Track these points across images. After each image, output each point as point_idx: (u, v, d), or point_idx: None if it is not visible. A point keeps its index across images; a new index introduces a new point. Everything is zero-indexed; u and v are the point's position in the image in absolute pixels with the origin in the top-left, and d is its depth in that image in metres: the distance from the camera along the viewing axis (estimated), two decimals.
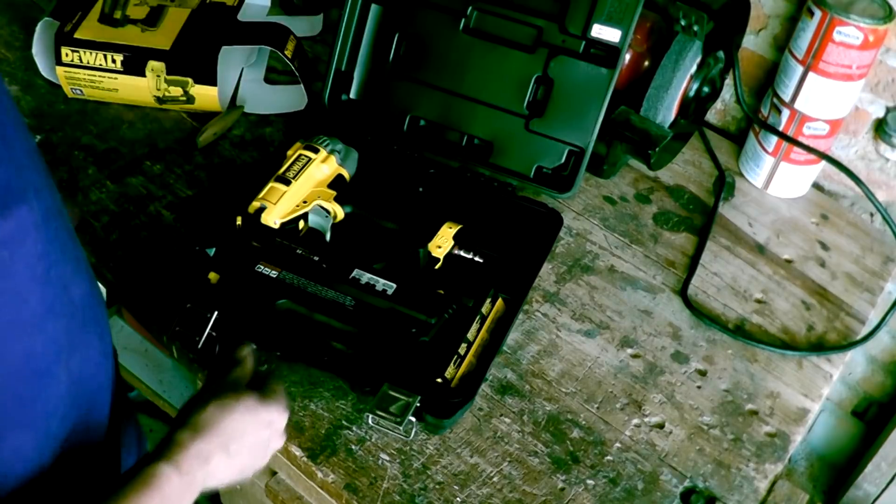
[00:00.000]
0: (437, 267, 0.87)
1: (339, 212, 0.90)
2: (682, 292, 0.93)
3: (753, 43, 1.10)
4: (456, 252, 0.88)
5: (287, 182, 0.88)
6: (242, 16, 1.09)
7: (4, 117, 0.43)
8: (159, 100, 1.06)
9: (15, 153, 0.47)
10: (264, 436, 0.68)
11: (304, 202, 0.88)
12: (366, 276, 0.84)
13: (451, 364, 0.79)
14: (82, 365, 0.59)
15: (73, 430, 0.59)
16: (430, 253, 0.87)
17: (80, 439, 0.61)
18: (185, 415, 0.65)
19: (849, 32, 0.91)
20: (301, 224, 0.88)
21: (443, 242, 0.87)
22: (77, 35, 1.04)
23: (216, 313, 0.80)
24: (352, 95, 1.02)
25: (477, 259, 0.88)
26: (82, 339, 0.58)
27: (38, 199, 0.49)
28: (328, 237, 0.89)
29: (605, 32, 0.91)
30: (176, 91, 1.05)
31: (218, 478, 0.65)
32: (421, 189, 0.95)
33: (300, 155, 0.91)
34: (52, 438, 0.57)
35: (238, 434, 0.65)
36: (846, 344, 0.91)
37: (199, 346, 0.79)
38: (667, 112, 0.97)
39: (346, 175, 0.93)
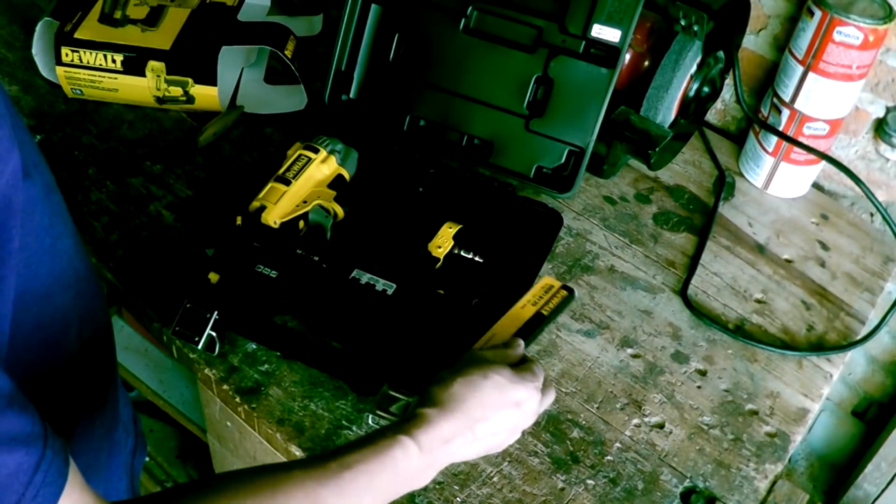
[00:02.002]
0: (437, 267, 0.87)
1: (340, 212, 0.90)
2: (682, 292, 0.93)
3: (753, 43, 1.10)
4: (456, 252, 0.88)
5: (287, 182, 0.88)
6: (242, 16, 1.09)
7: None
8: (159, 100, 1.06)
9: (14, 129, 0.48)
10: (512, 416, 0.65)
11: (304, 202, 0.88)
12: (366, 276, 0.84)
13: None
14: (91, 337, 0.59)
15: (82, 405, 0.60)
16: (430, 253, 0.87)
17: (87, 416, 0.62)
18: (433, 391, 0.63)
19: (849, 32, 0.91)
20: (301, 224, 0.88)
21: (443, 242, 0.87)
22: (77, 35, 1.04)
23: (216, 313, 0.80)
24: (352, 95, 1.02)
25: (477, 259, 0.88)
26: (88, 312, 0.59)
27: (38, 173, 0.50)
28: (328, 237, 0.89)
29: (605, 32, 0.91)
30: (176, 91, 1.05)
31: (459, 456, 0.63)
32: (421, 189, 0.95)
33: (300, 155, 0.91)
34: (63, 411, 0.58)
35: (485, 414, 0.63)
36: (846, 344, 0.91)
37: (200, 346, 0.79)
38: (667, 112, 0.97)
39: (346, 175, 0.93)
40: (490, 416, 0.63)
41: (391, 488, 0.58)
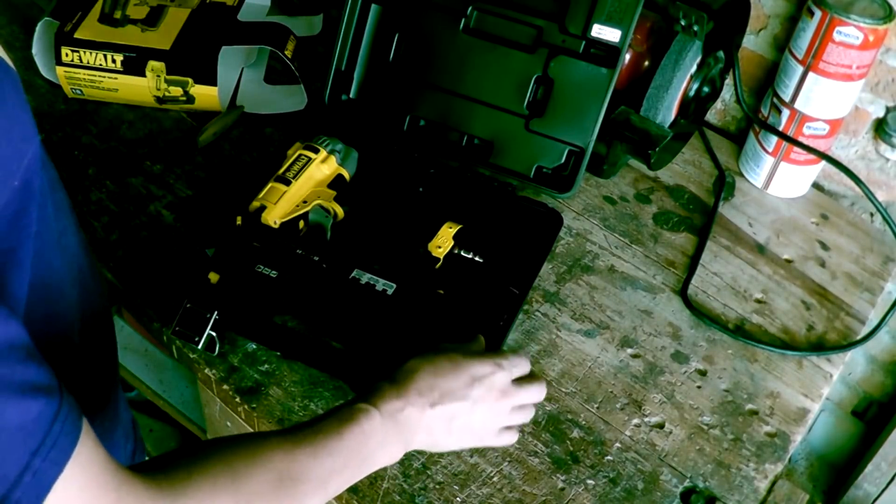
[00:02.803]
0: (437, 267, 0.87)
1: (340, 212, 0.90)
2: (682, 292, 0.94)
3: (753, 43, 1.10)
4: (456, 252, 0.88)
5: (287, 182, 0.88)
6: (242, 16, 1.09)
7: (11, 91, 0.44)
8: (159, 100, 1.06)
9: (23, 125, 0.48)
10: (475, 391, 0.67)
11: (304, 202, 0.88)
12: (366, 276, 0.84)
13: None
14: (94, 334, 0.60)
15: (83, 404, 0.61)
16: (430, 253, 0.87)
17: (88, 415, 0.62)
18: (394, 371, 0.67)
19: (849, 32, 0.91)
20: (301, 224, 0.88)
21: (443, 242, 0.87)
22: (77, 35, 1.04)
23: (216, 313, 0.80)
24: (352, 95, 1.02)
25: (477, 259, 0.88)
26: (91, 310, 0.59)
27: (45, 168, 0.50)
28: (328, 237, 0.89)
29: (605, 32, 0.91)
30: (176, 91, 1.05)
31: (429, 431, 0.66)
32: (421, 189, 0.95)
33: (300, 155, 0.91)
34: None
35: (437, 384, 0.66)
36: (846, 344, 0.91)
37: (200, 346, 0.79)
38: (667, 112, 0.97)
39: (346, 175, 0.93)
40: (443, 386, 0.66)
41: (361, 450, 0.61)
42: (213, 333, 0.80)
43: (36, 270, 0.50)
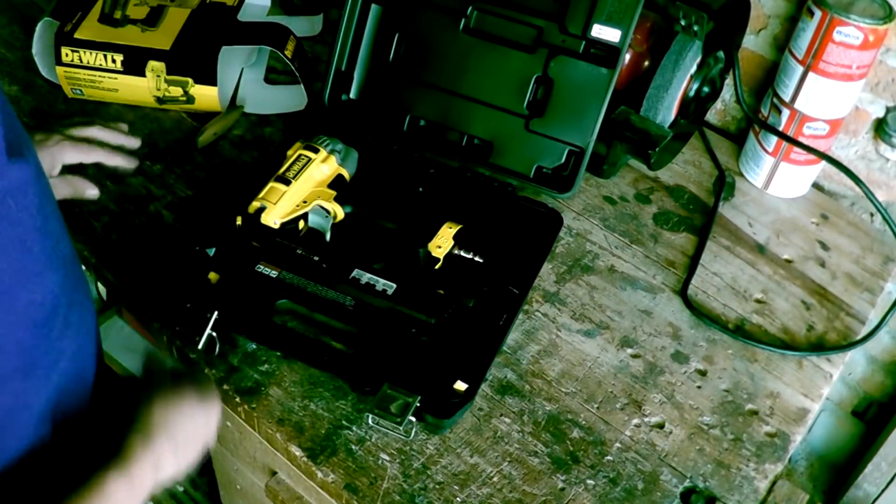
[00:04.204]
0: (437, 267, 0.87)
1: (339, 212, 0.90)
2: (682, 292, 0.93)
3: (753, 43, 1.10)
4: (456, 252, 0.88)
5: (287, 182, 0.88)
6: (242, 16, 1.09)
7: None
8: (159, 100, 1.06)
9: (9, 108, 0.49)
10: (206, 433, 0.69)
11: (304, 202, 0.88)
12: (366, 276, 0.84)
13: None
14: (78, 321, 0.60)
15: (70, 389, 0.61)
16: (430, 253, 0.87)
17: (74, 402, 0.62)
18: (132, 415, 0.65)
19: (849, 32, 0.91)
20: (301, 224, 0.88)
21: (443, 242, 0.87)
22: (77, 35, 1.04)
23: (216, 313, 0.80)
24: (352, 95, 1.02)
25: (477, 259, 0.88)
26: (75, 296, 0.60)
27: (30, 154, 0.51)
28: (328, 237, 0.89)
29: (605, 32, 0.91)
30: (176, 91, 1.05)
31: (164, 478, 0.65)
32: (421, 189, 0.95)
33: (300, 155, 0.91)
34: (53, 389, 0.58)
35: (186, 435, 0.66)
36: (846, 344, 0.91)
37: (200, 346, 0.79)
38: (667, 112, 0.97)
39: (346, 175, 0.93)
40: (190, 438, 0.67)
41: None
42: (213, 333, 0.80)
43: (18, 255, 0.50)
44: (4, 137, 0.47)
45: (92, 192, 0.89)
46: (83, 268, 0.67)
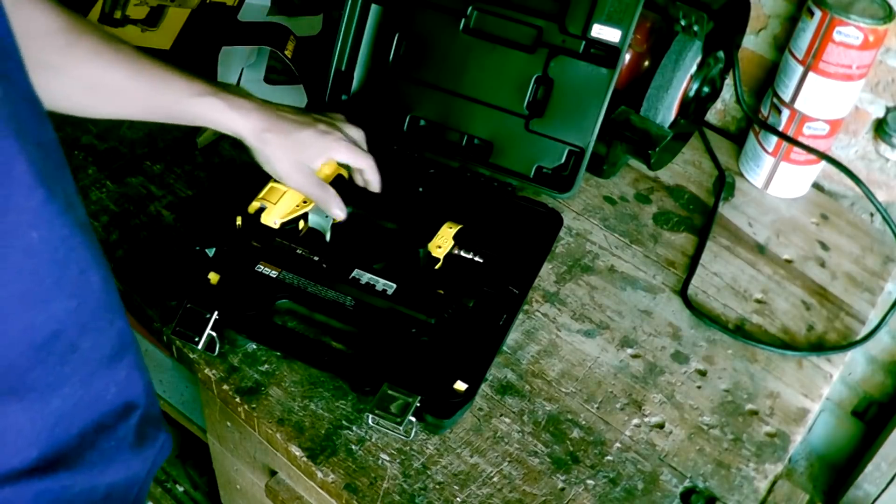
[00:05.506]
0: (437, 267, 0.87)
1: None
2: (682, 292, 0.94)
3: (753, 43, 1.10)
4: (456, 252, 0.88)
5: None
6: (242, 16, 1.09)
7: (22, 106, 0.45)
8: None
9: (46, 134, 0.50)
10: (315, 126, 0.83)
11: (305, 202, 0.88)
12: (366, 276, 0.84)
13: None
14: (91, 347, 0.59)
15: (79, 412, 0.60)
16: (430, 253, 0.87)
17: (86, 429, 0.62)
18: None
19: (849, 32, 0.91)
20: (301, 224, 0.88)
21: (443, 242, 0.87)
22: None
23: (216, 313, 0.80)
24: (352, 95, 1.02)
25: (477, 259, 0.88)
26: (92, 322, 0.59)
27: (60, 184, 0.51)
28: (328, 237, 0.89)
29: (605, 32, 0.91)
30: None
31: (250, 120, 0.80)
32: (421, 189, 0.95)
33: None
34: (50, 415, 0.57)
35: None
36: (846, 344, 0.91)
37: (200, 346, 0.79)
38: (667, 112, 0.97)
39: (346, 175, 0.93)
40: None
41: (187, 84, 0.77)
42: (213, 333, 0.80)
43: (22, 285, 0.50)
44: (30, 164, 0.48)
45: (340, 213, 0.86)
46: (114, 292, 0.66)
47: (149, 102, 0.77)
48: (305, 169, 0.84)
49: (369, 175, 0.89)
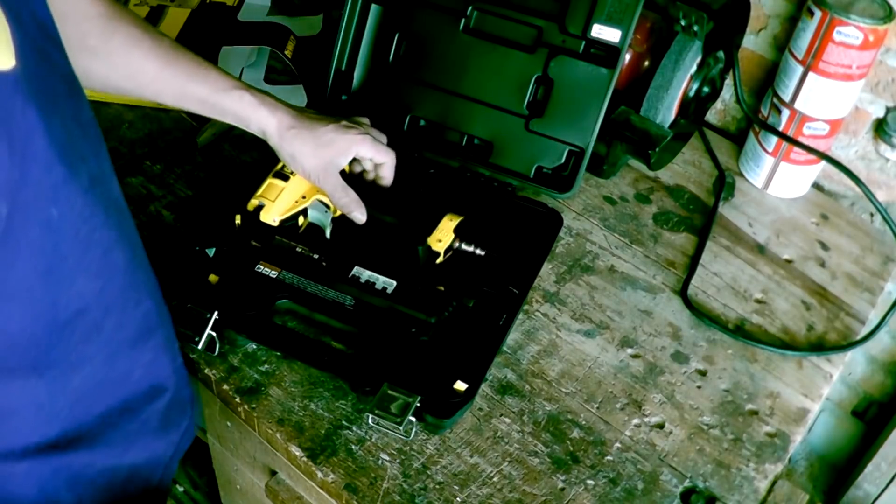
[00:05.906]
0: (437, 262, 0.87)
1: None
2: (682, 292, 0.93)
3: (753, 43, 1.10)
4: (457, 245, 0.88)
5: (285, 178, 0.88)
6: (242, 16, 1.09)
7: (58, 85, 0.45)
8: None
9: (69, 113, 0.50)
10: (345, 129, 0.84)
11: (304, 197, 0.88)
12: (366, 274, 0.84)
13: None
14: (115, 328, 0.59)
15: (101, 391, 0.60)
16: (430, 248, 0.87)
17: (109, 408, 0.61)
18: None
19: (849, 32, 0.91)
20: (301, 220, 0.88)
21: (443, 236, 0.87)
22: None
23: (216, 313, 0.80)
24: (352, 95, 1.02)
25: (478, 252, 0.88)
26: (118, 302, 0.59)
27: (85, 164, 0.50)
28: (328, 232, 0.89)
29: (605, 32, 0.91)
30: None
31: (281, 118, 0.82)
32: (421, 190, 0.95)
33: None
34: (71, 392, 0.57)
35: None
36: (846, 344, 0.91)
37: (200, 346, 0.79)
38: (667, 112, 0.97)
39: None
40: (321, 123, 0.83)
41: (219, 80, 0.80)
42: (213, 333, 0.80)
43: (44, 261, 0.50)
44: (52, 140, 0.48)
45: (361, 217, 0.87)
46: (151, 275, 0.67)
47: (183, 91, 0.79)
48: (332, 168, 0.84)
49: (386, 171, 0.89)
